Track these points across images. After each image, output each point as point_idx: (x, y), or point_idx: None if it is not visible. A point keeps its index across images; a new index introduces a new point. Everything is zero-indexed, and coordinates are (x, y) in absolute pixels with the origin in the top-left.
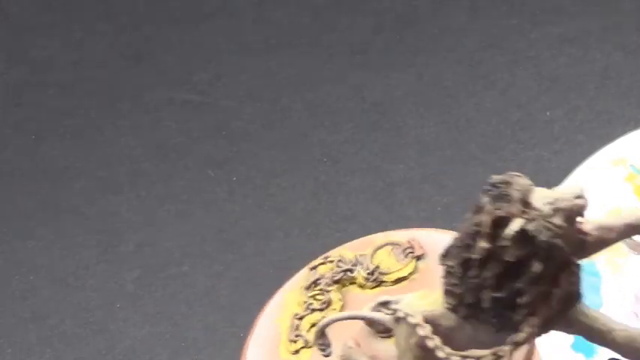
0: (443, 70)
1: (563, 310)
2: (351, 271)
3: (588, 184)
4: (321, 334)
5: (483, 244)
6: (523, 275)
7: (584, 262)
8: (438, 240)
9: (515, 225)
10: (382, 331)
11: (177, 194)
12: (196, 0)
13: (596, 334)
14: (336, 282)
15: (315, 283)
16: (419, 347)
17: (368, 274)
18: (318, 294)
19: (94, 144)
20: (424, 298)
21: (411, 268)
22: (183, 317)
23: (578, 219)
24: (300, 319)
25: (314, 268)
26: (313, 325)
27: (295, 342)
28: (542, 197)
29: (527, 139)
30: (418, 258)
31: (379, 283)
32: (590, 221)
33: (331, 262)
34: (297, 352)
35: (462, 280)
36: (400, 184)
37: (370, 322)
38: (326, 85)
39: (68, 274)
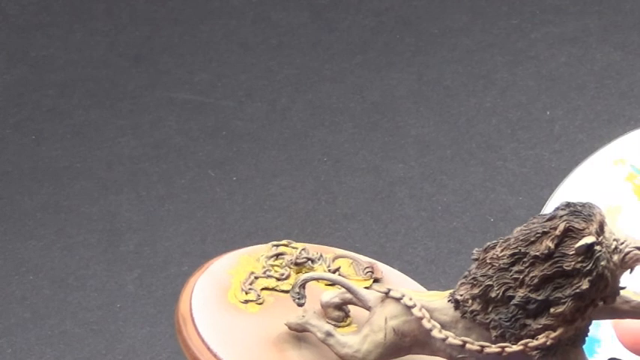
0: (443, 70)
1: (570, 340)
2: (313, 261)
3: (588, 183)
4: (302, 286)
5: (549, 244)
6: (566, 288)
7: None
8: (397, 279)
9: (588, 239)
10: (334, 318)
11: (177, 194)
12: (196, 0)
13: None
14: (297, 265)
15: (278, 256)
16: (395, 332)
17: (329, 271)
18: (278, 266)
19: (94, 144)
20: (418, 293)
21: (369, 284)
22: None
23: (626, 272)
24: (257, 278)
25: (277, 245)
26: (265, 289)
27: (247, 293)
28: (611, 233)
29: (527, 139)
30: (375, 280)
31: None
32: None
33: (295, 248)
34: (245, 302)
35: (499, 272)
36: (400, 183)
37: (327, 306)
38: (326, 85)
39: (68, 274)
